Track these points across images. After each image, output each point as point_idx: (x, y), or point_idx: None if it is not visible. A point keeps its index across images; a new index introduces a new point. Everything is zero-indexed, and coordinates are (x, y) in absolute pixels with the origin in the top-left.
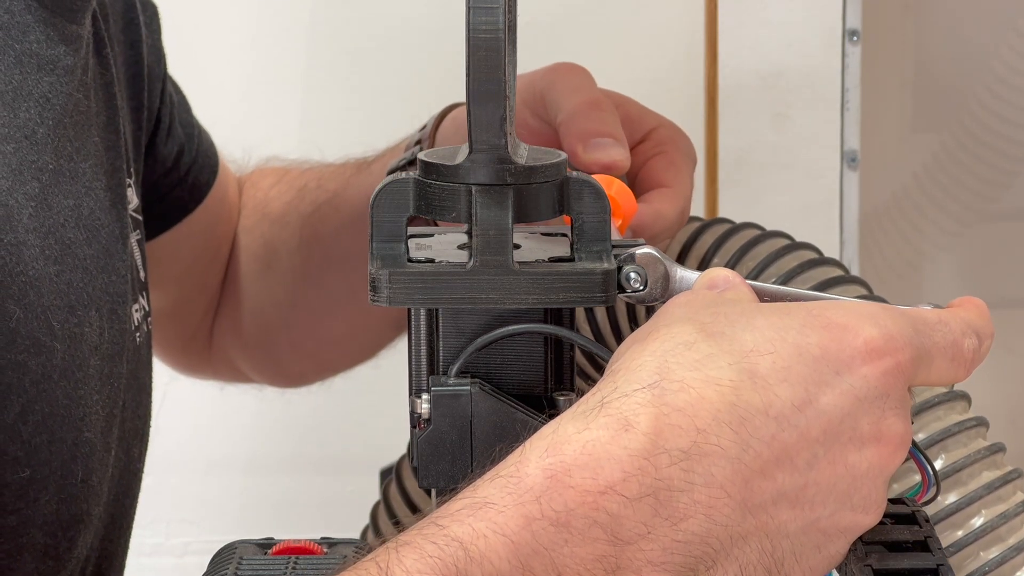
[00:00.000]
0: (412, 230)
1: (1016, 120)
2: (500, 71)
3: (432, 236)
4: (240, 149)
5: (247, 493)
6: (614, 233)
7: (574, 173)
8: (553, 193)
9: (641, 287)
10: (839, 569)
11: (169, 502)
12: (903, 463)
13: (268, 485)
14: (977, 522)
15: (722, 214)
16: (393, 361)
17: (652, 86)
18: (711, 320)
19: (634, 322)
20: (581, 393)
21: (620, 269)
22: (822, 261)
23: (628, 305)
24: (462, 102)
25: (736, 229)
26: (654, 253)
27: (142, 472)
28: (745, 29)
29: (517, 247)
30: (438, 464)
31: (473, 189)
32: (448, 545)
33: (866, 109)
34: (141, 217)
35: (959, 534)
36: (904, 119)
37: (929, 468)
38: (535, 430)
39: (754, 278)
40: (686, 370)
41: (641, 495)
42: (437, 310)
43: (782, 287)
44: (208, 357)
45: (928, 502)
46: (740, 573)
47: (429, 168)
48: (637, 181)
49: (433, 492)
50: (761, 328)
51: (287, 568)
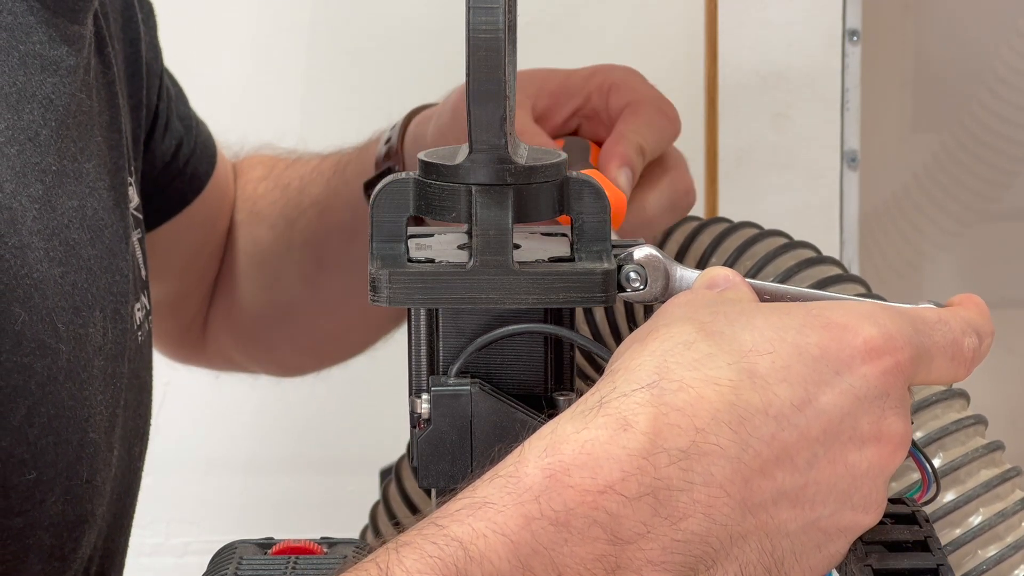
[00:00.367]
0: (412, 230)
1: (1016, 120)
2: (500, 71)
3: (432, 236)
4: (239, 145)
5: (247, 493)
6: (614, 233)
7: (574, 173)
8: (553, 193)
9: (641, 286)
10: (839, 569)
11: (169, 502)
12: (902, 462)
13: (268, 485)
14: (975, 520)
15: (722, 214)
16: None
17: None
18: (710, 319)
19: (633, 322)
20: (581, 393)
21: (620, 268)
22: (820, 260)
23: (627, 305)
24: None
25: (734, 228)
26: (654, 252)
27: (142, 471)
28: (745, 29)
29: (517, 247)
30: (438, 464)
31: (473, 189)
32: (448, 545)
33: (866, 109)
34: (141, 215)
35: (957, 532)
36: (904, 119)
37: (928, 467)
38: (535, 430)
39: (752, 276)
40: (685, 370)
41: (640, 494)
42: (437, 310)
43: (781, 286)
44: (203, 347)
45: (928, 502)
46: (740, 572)
47: (429, 168)
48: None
49: (433, 492)
50: (760, 328)
51: (287, 568)
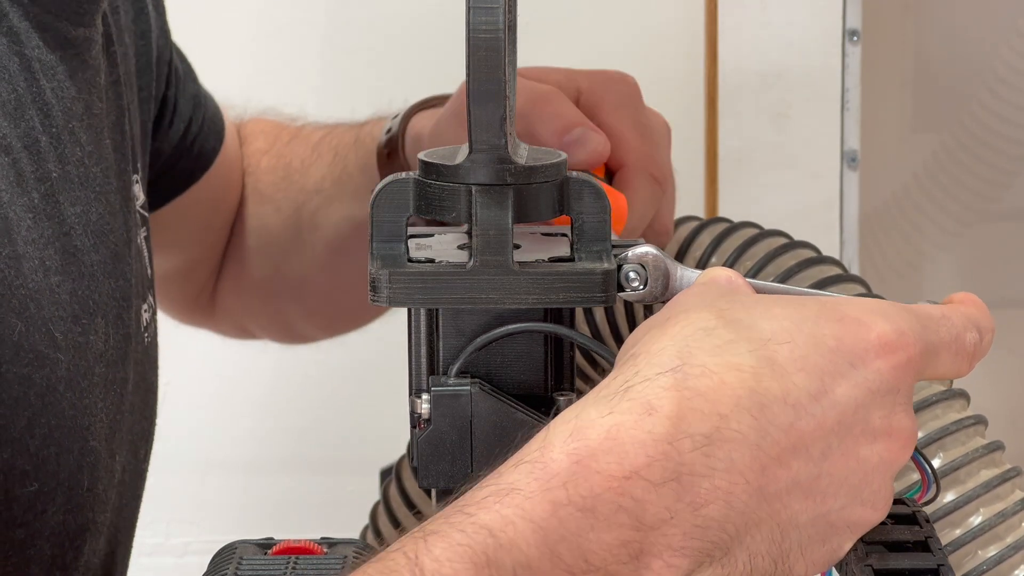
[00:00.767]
0: (412, 230)
1: (1016, 120)
2: (500, 71)
3: (432, 236)
4: (243, 107)
5: (247, 493)
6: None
7: (574, 173)
8: (553, 193)
9: (641, 286)
10: (840, 569)
11: (169, 502)
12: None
13: (268, 485)
14: (975, 521)
15: (722, 214)
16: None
17: (652, 86)
18: (728, 307)
19: (633, 322)
20: (581, 394)
21: (620, 268)
22: (820, 259)
23: (627, 305)
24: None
25: (734, 228)
26: (654, 252)
27: (147, 473)
28: (745, 29)
29: (517, 247)
30: (438, 464)
31: (473, 189)
32: (477, 533)
33: (866, 109)
34: (147, 212)
35: (957, 532)
36: (904, 119)
37: (928, 468)
38: (535, 430)
39: (752, 276)
40: (707, 355)
41: (665, 480)
42: (437, 310)
43: (781, 286)
44: (212, 313)
45: (928, 502)
46: (749, 562)
47: (429, 168)
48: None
49: (433, 492)
50: (778, 317)
51: (287, 568)
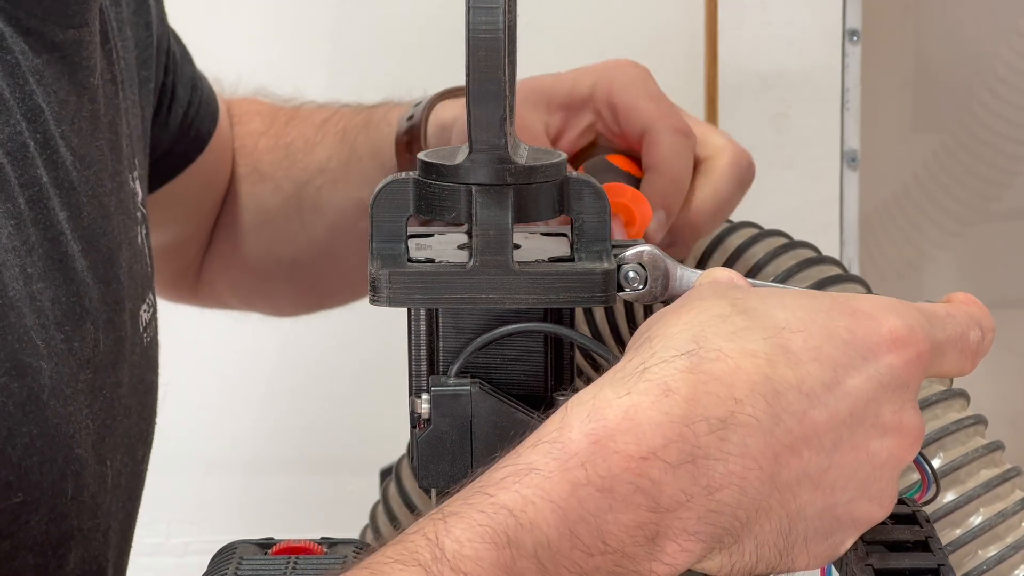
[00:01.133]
0: (412, 230)
1: (1016, 120)
2: (500, 71)
3: (432, 236)
4: (234, 85)
5: (247, 493)
6: (614, 233)
7: (574, 173)
8: (553, 193)
9: (641, 285)
10: (840, 569)
11: (169, 502)
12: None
13: (268, 485)
14: (975, 520)
15: None
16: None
17: None
18: (742, 297)
19: (633, 323)
20: None
21: (620, 268)
22: (820, 259)
23: (627, 305)
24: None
25: (734, 228)
26: (654, 252)
27: (145, 474)
28: (745, 29)
29: (517, 247)
30: (438, 464)
31: (473, 189)
32: (497, 513)
33: (866, 109)
34: (146, 210)
35: (957, 532)
36: (904, 119)
37: (928, 468)
38: (535, 430)
39: (752, 276)
40: (723, 340)
41: (681, 462)
42: (437, 310)
43: (782, 285)
44: (196, 289)
45: (928, 502)
46: (755, 551)
47: (429, 168)
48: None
49: (433, 492)
50: (792, 308)
51: (287, 568)
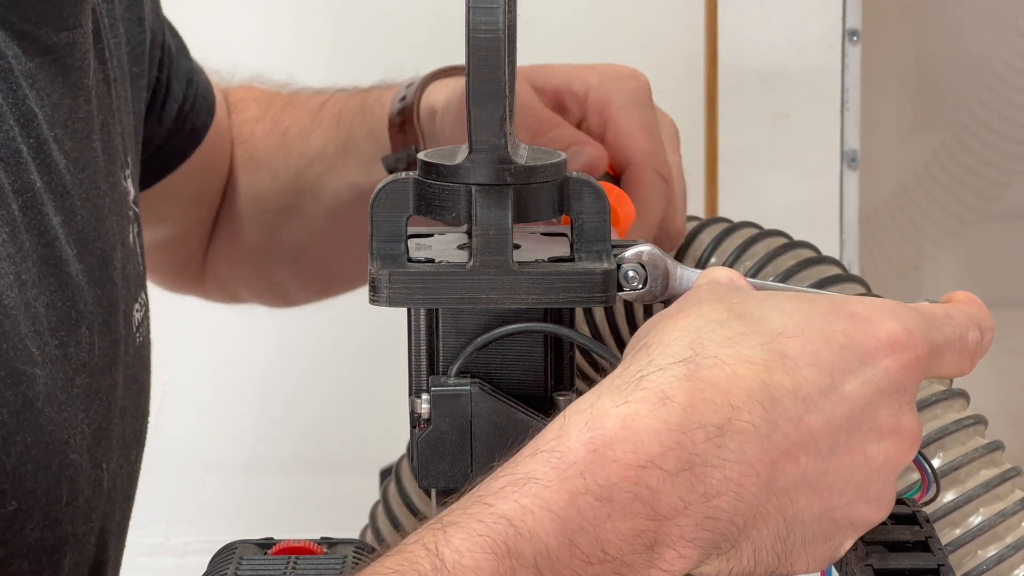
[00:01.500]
0: (412, 230)
1: (1016, 120)
2: (500, 71)
3: (432, 236)
4: (230, 73)
5: (247, 493)
6: (613, 232)
7: (574, 173)
8: (553, 193)
9: (641, 285)
10: (840, 569)
11: (169, 502)
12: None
13: (268, 485)
14: (975, 520)
15: (722, 214)
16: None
17: (652, 86)
18: (740, 301)
19: (632, 323)
20: (581, 394)
21: (619, 267)
22: (820, 259)
23: (627, 305)
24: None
25: (734, 228)
26: (654, 252)
27: (139, 473)
28: (745, 29)
29: (517, 247)
30: (438, 464)
31: (473, 189)
32: (496, 523)
33: (866, 109)
34: (138, 209)
35: (957, 532)
36: (904, 119)
37: (928, 468)
38: (535, 430)
39: (752, 276)
40: (719, 347)
41: (679, 469)
42: (437, 310)
43: (782, 285)
44: (201, 280)
45: (928, 502)
46: (753, 556)
47: (429, 168)
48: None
49: (433, 492)
50: (789, 312)
51: (287, 568)
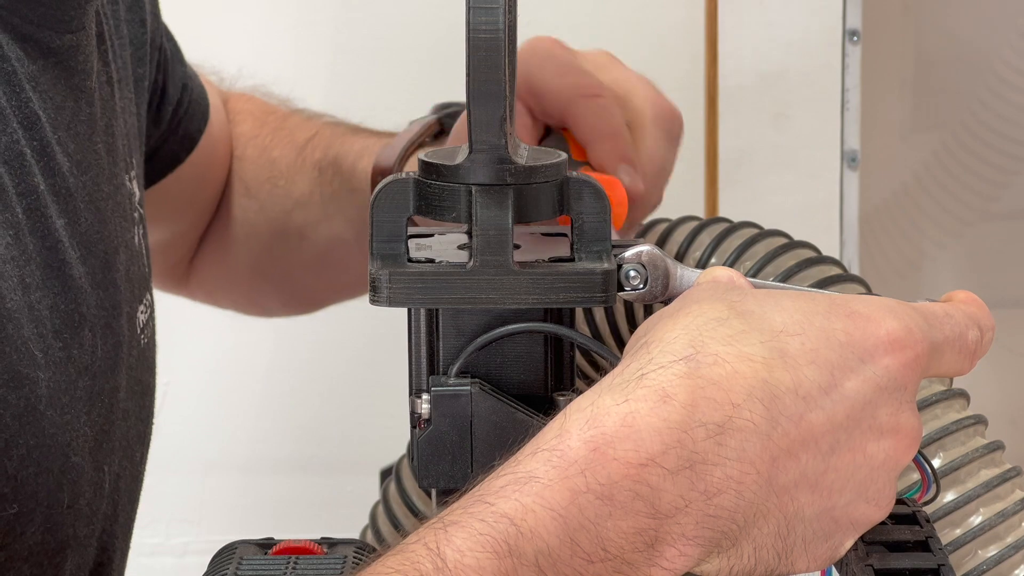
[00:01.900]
0: (412, 230)
1: (1016, 120)
2: (500, 71)
3: (432, 236)
4: (232, 79)
5: (247, 493)
6: (614, 232)
7: (574, 173)
8: (553, 193)
9: (641, 285)
10: (840, 569)
11: (169, 502)
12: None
13: (268, 485)
14: (975, 520)
15: (722, 214)
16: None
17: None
18: (740, 299)
19: (632, 323)
20: (580, 393)
21: (620, 267)
22: (820, 259)
23: (627, 305)
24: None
25: (734, 228)
26: (654, 251)
27: (144, 475)
28: (745, 29)
29: (517, 247)
30: (438, 464)
31: (473, 189)
32: (498, 522)
33: (866, 109)
34: (143, 210)
35: (957, 532)
36: (904, 119)
37: (928, 468)
38: (535, 430)
39: (752, 276)
40: (720, 344)
41: (679, 468)
42: (437, 310)
43: (782, 285)
44: (186, 283)
45: (928, 502)
46: (754, 554)
47: (429, 168)
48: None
49: (433, 492)
50: (789, 310)
51: (287, 568)
